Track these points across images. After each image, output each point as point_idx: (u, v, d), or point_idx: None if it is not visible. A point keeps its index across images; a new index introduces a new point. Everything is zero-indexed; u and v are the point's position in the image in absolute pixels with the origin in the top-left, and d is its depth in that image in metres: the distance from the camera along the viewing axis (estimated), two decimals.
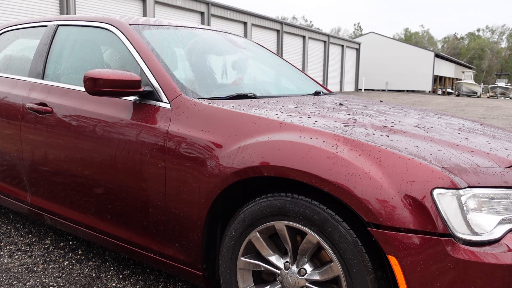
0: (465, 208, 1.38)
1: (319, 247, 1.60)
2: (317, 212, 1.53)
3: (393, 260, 1.40)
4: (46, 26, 2.82)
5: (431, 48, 71.51)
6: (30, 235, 2.99)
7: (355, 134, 1.64)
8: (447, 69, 51.83)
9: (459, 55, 77.44)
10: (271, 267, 1.72)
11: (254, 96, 2.30)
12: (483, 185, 1.42)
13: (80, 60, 2.56)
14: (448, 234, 1.36)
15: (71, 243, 2.88)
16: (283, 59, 3.38)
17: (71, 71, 2.56)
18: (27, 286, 2.30)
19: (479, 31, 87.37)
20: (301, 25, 33.74)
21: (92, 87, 1.99)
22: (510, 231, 1.42)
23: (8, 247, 2.79)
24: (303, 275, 1.62)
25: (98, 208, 2.28)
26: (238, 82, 2.82)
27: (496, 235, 1.39)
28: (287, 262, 1.68)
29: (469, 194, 1.39)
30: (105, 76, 1.98)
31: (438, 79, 49.01)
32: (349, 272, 1.49)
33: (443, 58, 50.09)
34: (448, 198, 1.37)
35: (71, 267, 2.53)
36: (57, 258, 2.65)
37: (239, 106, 1.96)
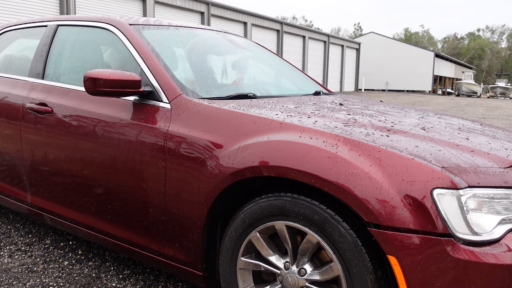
0: (465, 208, 1.38)
1: (319, 247, 1.60)
2: (317, 212, 1.53)
3: (393, 260, 1.40)
4: (46, 26, 2.82)
5: (431, 48, 71.51)
6: (30, 235, 2.99)
7: (355, 134, 1.64)
8: (447, 69, 51.81)
9: (459, 55, 77.44)
10: (271, 267, 1.72)
11: (254, 96, 2.30)
12: (483, 185, 1.42)
13: (80, 60, 2.56)
14: (448, 234, 1.36)
15: (71, 243, 2.88)
16: (283, 59, 3.38)
17: (71, 71, 2.56)
18: (27, 286, 2.30)
19: (479, 31, 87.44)
20: (301, 25, 33.74)
21: (92, 87, 1.99)
22: (510, 231, 1.42)
23: (8, 247, 2.79)
24: (303, 275, 1.62)
25: (98, 208, 2.28)
26: (238, 82, 2.82)
27: (496, 235, 1.39)
28: (287, 262, 1.68)
29: (469, 194, 1.39)
30: (105, 76, 1.98)
31: (438, 79, 49.00)
32: (349, 272, 1.49)
33: (443, 58, 50.07)
34: (448, 198, 1.37)
35: (71, 267, 2.53)
36: (57, 258, 2.65)
37: (239, 106, 1.96)
